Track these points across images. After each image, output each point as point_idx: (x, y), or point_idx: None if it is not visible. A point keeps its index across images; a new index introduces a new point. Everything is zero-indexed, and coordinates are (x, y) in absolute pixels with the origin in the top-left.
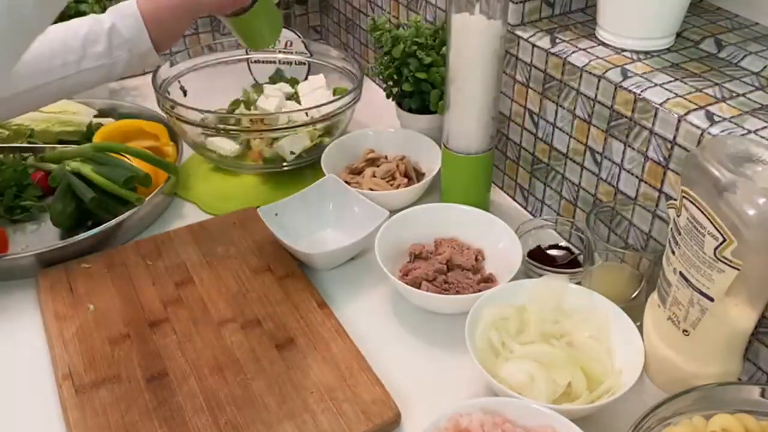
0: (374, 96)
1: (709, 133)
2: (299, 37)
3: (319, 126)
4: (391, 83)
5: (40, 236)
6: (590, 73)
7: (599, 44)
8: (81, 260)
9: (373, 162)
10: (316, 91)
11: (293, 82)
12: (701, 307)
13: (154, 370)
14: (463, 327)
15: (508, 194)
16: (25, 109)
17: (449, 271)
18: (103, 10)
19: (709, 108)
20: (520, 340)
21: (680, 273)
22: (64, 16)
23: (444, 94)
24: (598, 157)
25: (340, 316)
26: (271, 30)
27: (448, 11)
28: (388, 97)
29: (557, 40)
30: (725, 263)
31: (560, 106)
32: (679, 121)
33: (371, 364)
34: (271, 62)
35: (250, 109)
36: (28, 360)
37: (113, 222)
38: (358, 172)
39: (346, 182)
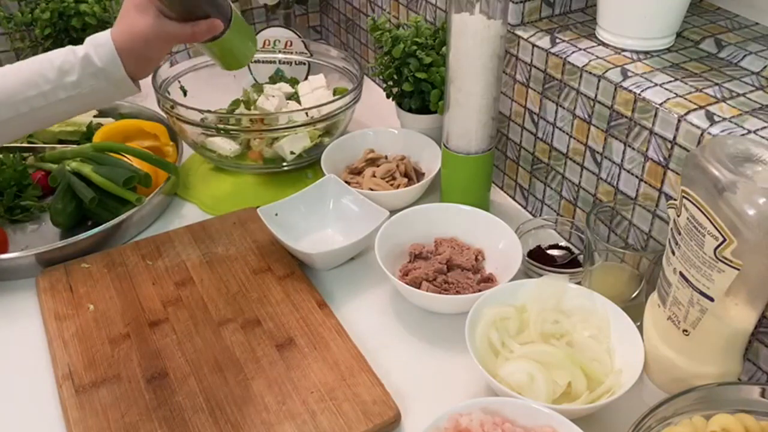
0: (374, 96)
1: (709, 133)
2: (299, 37)
3: (319, 126)
4: (391, 83)
5: (40, 236)
6: (590, 73)
7: (599, 44)
8: (81, 260)
9: (373, 162)
10: (316, 91)
11: (293, 82)
12: (701, 307)
13: (154, 370)
14: (463, 327)
15: (508, 194)
16: (1, 140)
17: (449, 271)
18: (104, 9)
19: (709, 108)
20: (520, 339)
21: (680, 273)
22: (64, 15)
23: (444, 94)
24: (598, 157)
25: (340, 316)
26: (246, 51)
27: (448, 11)
28: (388, 97)
29: (557, 40)
30: (725, 263)
31: (560, 106)
32: (679, 121)
33: (371, 364)
34: (271, 62)
35: (250, 109)
36: (28, 360)
37: (113, 222)
38: (358, 172)
39: (346, 182)
